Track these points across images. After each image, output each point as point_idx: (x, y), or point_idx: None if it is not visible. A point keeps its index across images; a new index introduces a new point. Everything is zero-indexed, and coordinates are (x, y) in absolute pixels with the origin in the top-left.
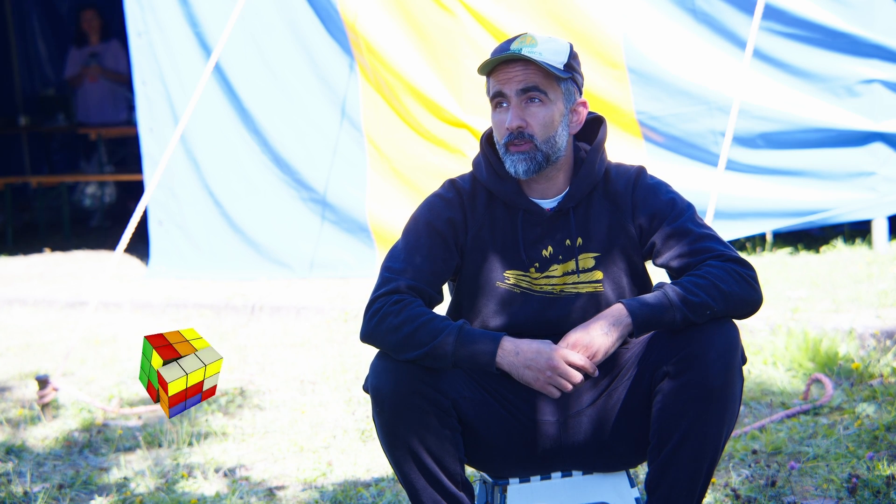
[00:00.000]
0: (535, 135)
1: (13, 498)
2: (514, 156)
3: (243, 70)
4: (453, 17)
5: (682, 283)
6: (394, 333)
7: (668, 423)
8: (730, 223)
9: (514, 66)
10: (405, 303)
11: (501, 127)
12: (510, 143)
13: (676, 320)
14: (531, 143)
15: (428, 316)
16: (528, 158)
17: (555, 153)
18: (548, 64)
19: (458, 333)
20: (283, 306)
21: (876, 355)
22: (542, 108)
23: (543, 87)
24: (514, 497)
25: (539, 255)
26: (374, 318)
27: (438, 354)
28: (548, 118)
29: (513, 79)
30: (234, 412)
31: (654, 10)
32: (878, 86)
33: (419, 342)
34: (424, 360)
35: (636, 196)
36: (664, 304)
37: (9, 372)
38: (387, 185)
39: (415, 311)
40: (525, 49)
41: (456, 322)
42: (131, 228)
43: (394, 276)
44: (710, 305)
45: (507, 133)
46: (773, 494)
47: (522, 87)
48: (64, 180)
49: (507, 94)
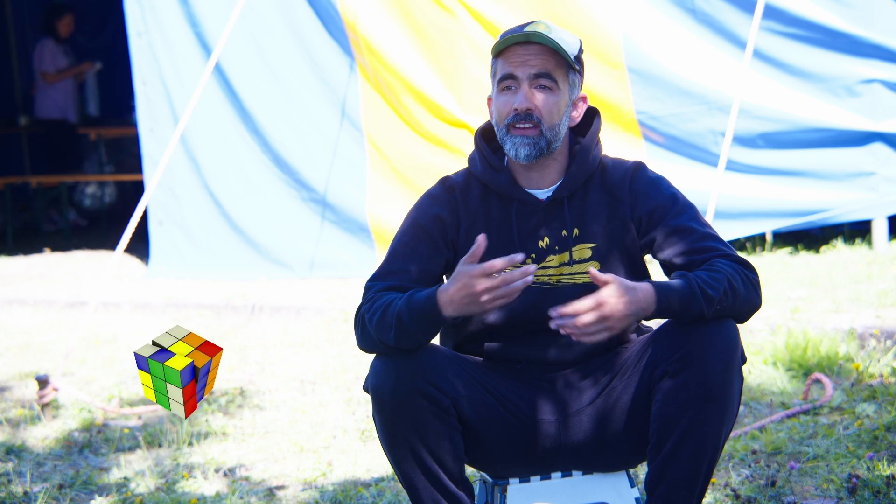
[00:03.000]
0: (543, 120)
1: (13, 498)
2: (516, 138)
3: (243, 70)
4: (453, 17)
5: (701, 276)
6: (373, 329)
7: (667, 423)
8: (730, 223)
9: (529, 50)
10: (376, 298)
11: (506, 108)
12: (514, 125)
13: (693, 312)
14: (538, 129)
15: (391, 298)
16: (531, 143)
17: (555, 142)
18: (564, 52)
19: (407, 304)
20: (283, 306)
21: (876, 355)
22: (551, 95)
23: (555, 74)
24: (514, 497)
25: (535, 246)
26: (359, 327)
27: (404, 330)
28: (555, 106)
29: (527, 62)
30: (234, 412)
31: (654, 10)
32: (878, 86)
33: (388, 325)
34: (400, 341)
35: (635, 188)
36: (687, 294)
37: (9, 372)
38: (387, 185)
39: (384, 300)
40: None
41: (406, 294)
42: (131, 228)
43: (373, 284)
44: (723, 301)
45: (514, 114)
46: (773, 494)
47: (536, 71)
48: (64, 180)
49: (519, 77)
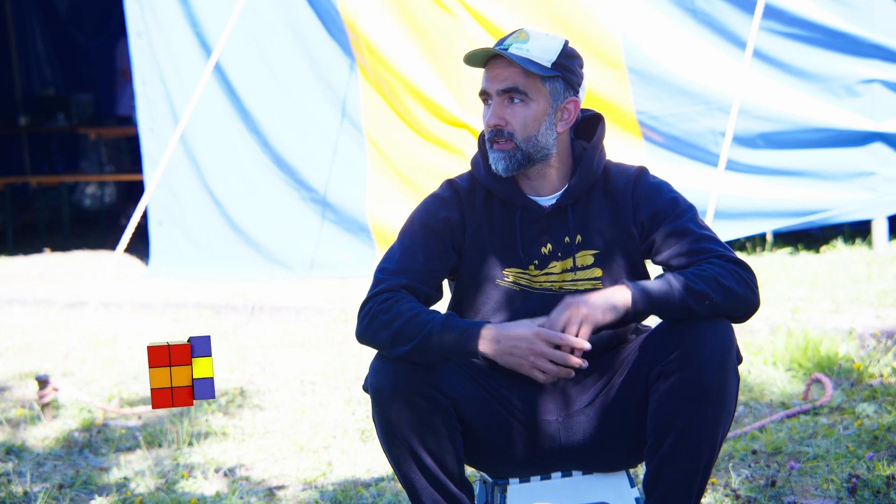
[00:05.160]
0: (515, 133)
1: (13, 498)
2: (495, 153)
3: (243, 70)
4: (453, 17)
5: (684, 273)
6: (384, 330)
7: (664, 423)
8: (730, 223)
9: (497, 64)
10: (395, 300)
11: (485, 122)
12: (492, 140)
13: (675, 303)
14: (512, 143)
15: (416, 310)
16: (507, 157)
17: (538, 151)
18: (529, 63)
19: (442, 325)
20: (283, 306)
21: (876, 355)
22: (523, 107)
23: (524, 87)
24: (514, 497)
25: (538, 253)
26: (366, 318)
27: (426, 347)
28: (528, 118)
29: (495, 77)
30: (234, 412)
31: (654, 10)
32: (878, 86)
33: (408, 337)
34: (415, 354)
35: (638, 194)
36: (665, 288)
37: (9, 372)
38: (387, 185)
39: (403, 306)
40: (513, 46)
41: (443, 314)
42: (131, 228)
43: (386, 277)
44: (710, 295)
45: (490, 130)
46: (773, 494)
47: (504, 87)
48: (64, 180)
49: (490, 92)
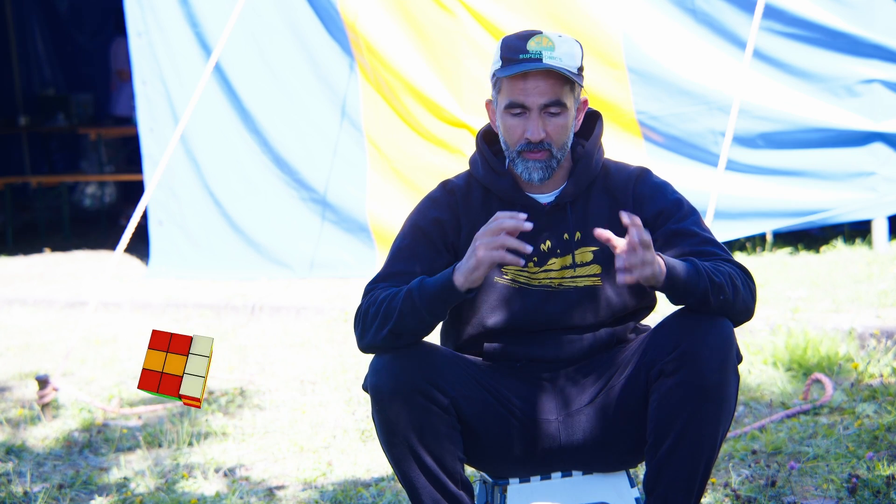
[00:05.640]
0: (553, 143)
1: (13, 498)
2: (529, 163)
3: (243, 70)
4: (453, 17)
5: (706, 264)
6: (374, 320)
7: (663, 422)
8: (730, 223)
9: (535, 76)
10: (375, 294)
11: (516, 133)
12: (524, 151)
13: (698, 289)
14: (548, 152)
15: (395, 290)
16: (543, 167)
17: (564, 154)
18: (571, 73)
19: (419, 284)
20: (283, 306)
21: (876, 355)
22: (560, 118)
23: (564, 98)
24: (514, 497)
25: (537, 249)
26: (359, 325)
27: (412, 309)
28: (564, 128)
29: (535, 90)
30: (234, 412)
31: (654, 10)
32: (878, 86)
33: (393, 309)
34: (404, 323)
35: (639, 192)
36: (692, 272)
37: (9, 372)
38: (387, 185)
39: (382, 294)
40: (546, 57)
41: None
42: (131, 228)
43: (373, 286)
44: (726, 291)
45: (526, 142)
46: (773, 494)
47: (545, 101)
48: (64, 180)
49: (529, 107)
